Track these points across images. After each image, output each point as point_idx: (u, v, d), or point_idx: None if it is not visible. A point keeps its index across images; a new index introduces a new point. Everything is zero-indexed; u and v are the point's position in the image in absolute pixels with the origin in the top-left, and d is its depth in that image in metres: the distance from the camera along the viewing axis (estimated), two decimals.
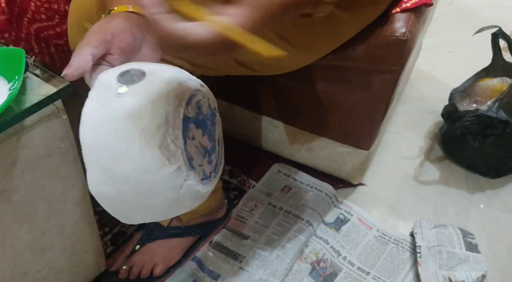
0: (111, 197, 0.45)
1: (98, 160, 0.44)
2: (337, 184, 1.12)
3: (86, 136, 0.44)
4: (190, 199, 0.46)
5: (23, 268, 0.70)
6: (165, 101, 0.43)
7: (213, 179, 0.49)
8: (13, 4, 0.81)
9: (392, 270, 0.96)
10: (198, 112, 0.47)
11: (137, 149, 0.42)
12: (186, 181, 0.44)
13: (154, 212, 0.46)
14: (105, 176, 0.44)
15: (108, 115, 0.43)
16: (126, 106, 0.43)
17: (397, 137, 1.26)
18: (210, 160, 0.48)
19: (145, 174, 0.42)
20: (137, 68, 0.46)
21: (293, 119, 1.06)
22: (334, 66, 0.88)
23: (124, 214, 0.47)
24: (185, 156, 0.44)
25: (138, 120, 0.42)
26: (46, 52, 0.89)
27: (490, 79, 1.14)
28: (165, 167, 0.42)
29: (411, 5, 0.84)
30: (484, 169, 1.16)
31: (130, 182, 0.43)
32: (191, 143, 0.45)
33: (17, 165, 0.60)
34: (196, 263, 0.96)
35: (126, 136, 0.42)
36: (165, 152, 0.42)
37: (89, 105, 0.45)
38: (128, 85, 0.44)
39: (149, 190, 0.43)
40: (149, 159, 0.42)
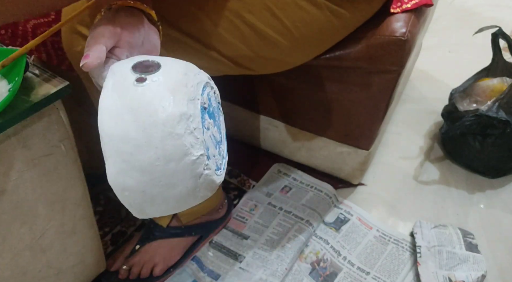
0: (130, 188, 0.44)
1: (118, 150, 0.43)
2: (337, 184, 1.12)
3: (105, 127, 0.43)
4: (206, 189, 0.46)
5: (23, 268, 0.70)
6: (185, 91, 0.43)
7: (222, 171, 0.49)
8: None
9: (392, 270, 0.96)
10: (209, 104, 0.47)
11: (159, 138, 0.42)
12: (205, 170, 0.44)
13: (171, 203, 0.46)
14: (125, 167, 0.43)
15: (128, 105, 0.43)
16: (146, 96, 0.42)
17: (397, 137, 1.26)
18: (219, 151, 0.49)
19: (168, 163, 0.42)
20: (150, 60, 0.46)
21: (293, 119, 1.06)
22: (334, 66, 0.88)
23: (139, 207, 0.46)
24: (205, 144, 0.44)
25: (161, 109, 0.42)
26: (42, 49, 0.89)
27: (490, 79, 1.14)
28: (188, 155, 0.42)
29: (412, 6, 0.84)
30: (484, 169, 1.16)
31: (151, 171, 0.43)
32: (207, 132, 0.45)
33: (17, 165, 0.60)
34: (196, 263, 0.96)
35: (148, 126, 0.42)
36: (187, 140, 0.42)
37: (106, 95, 0.44)
38: (146, 75, 0.44)
39: (170, 179, 0.43)
40: (172, 148, 0.42)
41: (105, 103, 0.44)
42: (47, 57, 0.90)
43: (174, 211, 0.48)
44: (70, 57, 0.74)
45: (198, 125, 0.43)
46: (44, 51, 0.89)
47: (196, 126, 0.43)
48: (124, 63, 0.46)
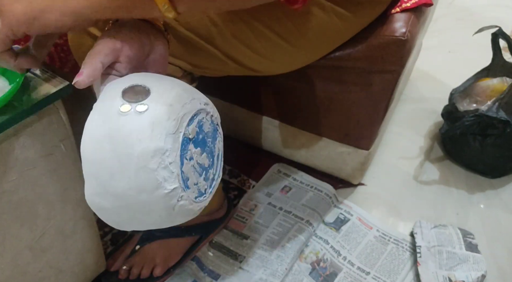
0: (105, 209, 0.46)
1: (95, 174, 0.45)
2: (337, 184, 1.12)
3: (86, 150, 0.45)
4: (183, 216, 0.48)
5: (23, 268, 0.70)
6: (166, 124, 0.44)
7: (208, 195, 0.50)
8: None
9: (392, 270, 0.96)
10: (198, 132, 0.48)
11: (133, 170, 0.43)
12: (179, 202, 0.45)
13: (147, 225, 0.48)
14: (100, 190, 0.45)
15: (108, 134, 0.44)
16: (126, 127, 0.43)
17: (397, 137, 1.26)
18: (206, 176, 0.49)
19: (140, 193, 0.44)
20: (142, 85, 0.46)
21: (293, 119, 1.06)
22: (334, 66, 0.88)
23: (116, 224, 0.48)
24: (181, 177, 0.45)
25: (137, 142, 0.43)
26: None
27: (490, 79, 1.14)
28: (160, 189, 0.43)
29: (411, 5, 0.84)
30: (484, 169, 1.16)
31: (124, 199, 0.44)
32: (188, 163, 0.46)
33: (17, 165, 0.60)
34: (196, 263, 0.96)
35: (123, 156, 0.43)
36: (160, 175, 0.43)
37: (92, 118, 0.46)
38: (131, 103, 0.45)
39: (142, 208, 0.45)
40: (144, 180, 0.43)
41: (89, 127, 0.46)
42: (50, 60, 0.90)
43: (153, 228, 0.49)
44: (76, 56, 0.73)
45: (175, 159, 0.44)
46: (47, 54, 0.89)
47: (172, 160, 0.44)
48: (117, 85, 0.47)
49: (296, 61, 0.82)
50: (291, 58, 0.79)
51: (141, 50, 0.52)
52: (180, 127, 0.45)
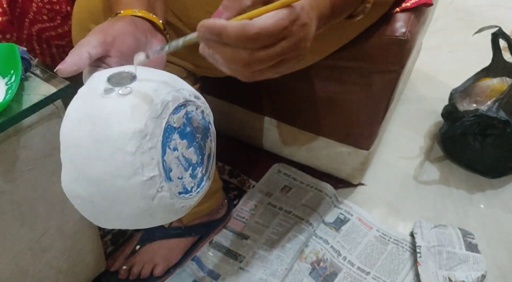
0: (81, 197, 0.44)
1: (72, 157, 0.43)
2: (337, 184, 1.12)
3: (64, 133, 0.43)
4: (164, 212, 0.45)
5: (23, 268, 0.70)
6: (148, 107, 0.42)
7: (194, 194, 0.47)
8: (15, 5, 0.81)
9: (392, 270, 0.96)
10: (186, 123, 0.46)
11: (109, 153, 0.41)
12: (159, 192, 0.43)
13: (125, 219, 0.45)
14: (76, 175, 0.43)
15: (87, 115, 0.42)
16: (107, 108, 0.42)
17: (397, 137, 1.26)
18: (194, 174, 0.47)
19: (116, 178, 0.41)
20: (128, 71, 0.45)
21: (293, 119, 1.06)
22: (334, 66, 0.88)
23: (95, 217, 0.46)
24: (162, 166, 0.42)
25: (116, 123, 0.41)
26: (47, 53, 0.89)
27: (490, 79, 1.14)
28: (137, 174, 0.41)
29: (411, 5, 0.84)
30: (484, 169, 1.16)
31: (100, 184, 0.42)
32: (172, 153, 0.44)
33: (17, 165, 0.60)
34: (196, 263, 0.96)
35: (101, 138, 0.41)
36: (138, 159, 0.41)
37: (74, 102, 0.45)
38: (115, 87, 0.43)
39: (119, 196, 0.42)
40: (121, 164, 0.41)
41: (70, 109, 0.44)
42: (52, 61, 0.90)
43: (133, 227, 0.46)
44: None
45: (155, 145, 0.42)
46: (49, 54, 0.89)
47: (153, 146, 0.42)
48: (104, 73, 0.46)
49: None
50: None
51: (136, 47, 0.51)
52: (164, 113, 0.43)
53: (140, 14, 0.53)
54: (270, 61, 0.43)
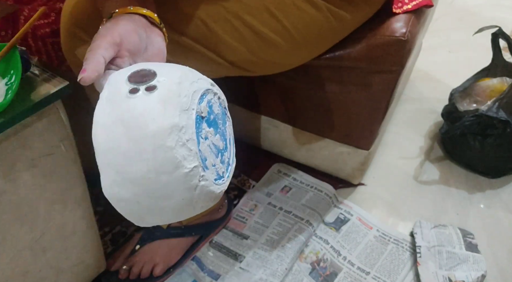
0: (125, 199, 0.44)
1: (111, 162, 0.43)
2: (337, 184, 1.12)
3: (99, 139, 0.44)
4: (205, 199, 0.46)
5: (23, 268, 0.70)
6: (177, 101, 0.43)
7: (226, 179, 0.48)
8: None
9: (392, 270, 0.96)
10: (209, 111, 0.47)
11: (151, 151, 0.41)
12: (200, 182, 0.44)
13: (169, 214, 0.46)
14: (118, 178, 0.43)
15: (119, 117, 0.43)
16: (137, 108, 0.42)
17: (397, 137, 1.26)
18: (222, 159, 0.48)
19: (160, 175, 0.42)
20: (147, 68, 0.46)
21: (293, 119, 1.06)
22: (334, 66, 0.88)
23: (138, 217, 0.46)
24: (199, 156, 0.43)
25: (151, 121, 0.42)
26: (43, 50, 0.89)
27: (490, 79, 1.14)
28: (180, 168, 0.42)
29: (412, 6, 0.84)
30: (484, 169, 1.16)
31: (144, 183, 0.43)
32: (204, 142, 0.45)
33: (17, 165, 0.60)
34: (196, 263, 0.96)
35: (139, 138, 0.42)
36: (179, 153, 0.42)
37: (100, 107, 0.45)
38: (139, 86, 0.44)
39: (163, 192, 0.43)
40: (163, 160, 0.42)
41: (99, 116, 0.44)
42: (48, 58, 0.90)
43: (176, 220, 0.47)
44: (69, 61, 0.74)
45: (191, 136, 0.43)
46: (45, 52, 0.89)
47: (189, 137, 0.42)
48: (121, 73, 0.46)
49: (289, 61, 0.81)
50: (285, 58, 0.79)
51: (139, 43, 0.51)
52: (192, 104, 0.44)
53: (134, 11, 0.53)
54: None
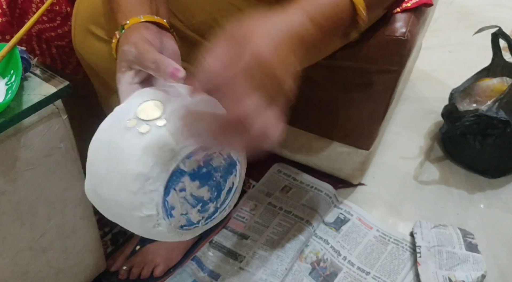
0: (97, 205, 0.48)
1: (91, 172, 0.46)
2: (337, 184, 1.12)
3: (91, 149, 0.47)
4: (164, 238, 0.48)
5: (23, 268, 0.70)
6: (157, 153, 0.44)
7: (201, 226, 0.49)
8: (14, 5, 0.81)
9: (392, 270, 0.96)
10: (202, 166, 0.47)
11: (117, 185, 0.44)
12: (155, 227, 0.45)
13: (136, 232, 0.48)
14: (93, 187, 0.46)
15: (109, 142, 0.45)
16: (124, 143, 0.44)
17: (397, 137, 1.26)
18: (203, 209, 0.49)
19: (119, 207, 0.45)
20: (161, 103, 0.46)
21: (293, 120, 1.06)
22: (334, 66, 0.88)
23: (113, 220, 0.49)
24: (162, 206, 0.45)
25: (126, 162, 0.44)
26: (47, 53, 0.89)
27: (490, 79, 1.14)
28: (136, 211, 0.44)
29: (412, 5, 0.84)
30: (484, 169, 1.16)
31: (108, 205, 0.46)
32: (177, 194, 0.46)
33: (17, 165, 0.60)
34: (196, 263, 0.96)
35: (113, 169, 0.44)
36: (138, 199, 0.44)
37: (106, 122, 0.47)
38: (139, 121, 0.45)
39: (124, 218, 0.46)
40: (123, 198, 0.44)
41: (101, 128, 0.47)
42: (52, 62, 0.90)
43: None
44: (79, 56, 0.73)
45: (157, 188, 0.44)
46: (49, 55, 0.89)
47: (154, 189, 0.44)
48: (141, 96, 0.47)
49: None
50: None
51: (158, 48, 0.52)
52: (175, 159, 0.44)
53: (145, 19, 0.53)
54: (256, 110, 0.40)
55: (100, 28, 0.68)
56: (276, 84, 0.41)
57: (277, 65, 0.41)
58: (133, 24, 0.53)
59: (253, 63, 0.39)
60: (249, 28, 0.41)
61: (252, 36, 0.41)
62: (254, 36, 0.41)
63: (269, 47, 0.40)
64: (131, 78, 0.51)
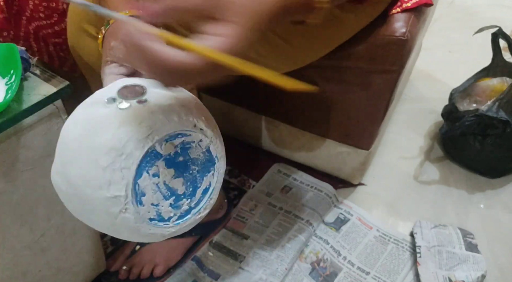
0: (62, 191, 0.45)
1: (60, 153, 0.44)
2: (337, 184, 1.12)
3: (64, 128, 0.44)
4: (129, 232, 0.44)
5: (23, 268, 0.70)
6: (133, 128, 0.42)
7: (172, 225, 0.46)
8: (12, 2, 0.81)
9: (392, 270, 0.96)
10: (179, 153, 0.45)
11: (85, 160, 0.41)
12: (122, 213, 0.42)
13: (96, 226, 0.45)
14: (60, 170, 0.44)
15: (84, 118, 0.43)
16: (100, 117, 0.42)
17: (397, 137, 1.26)
18: (176, 204, 0.46)
19: (86, 187, 0.42)
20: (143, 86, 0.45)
21: (293, 119, 1.06)
22: (334, 66, 0.88)
23: (74, 212, 0.47)
24: (133, 188, 0.42)
25: (99, 135, 0.41)
26: (45, 50, 0.89)
27: (490, 79, 1.14)
28: (103, 189, 0.41)
29: (412, 5, 0.84)
30: (484, 169, 1.16)
31: (75, 188, 0.43)
32: (149, 178, 0.43)
33: (17, 165, 0.60)
34: (196, 263, 0.96)
35: (84, 145, 0.42)
36: (107, 175, 0.41)
37: (83, 102, 0.45)
38: (119, 99, 0.43)
39: (87, 204, 0.43)
40: (91, 175, 0.41)
41: (78, 107, 0.45)
42: (49, 59, 0.90)
43: (110, 234, 0.46)
44: (74, 55, 0.73)
45: (130, 166, 0.41)
46: (46, 53, 0.89)
47: (126, 166, 0.41)
48: (122, 81, 0.46)
49: (295, 61, 0.82)
50: (290, 58, 0.79)
51: None
52: (151, 137, 0.42)
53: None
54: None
55: (93, 26, 0.68)
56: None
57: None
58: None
59: None
60: None
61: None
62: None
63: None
64: (116, 69, 0.50)
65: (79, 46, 0.71)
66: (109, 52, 0.51)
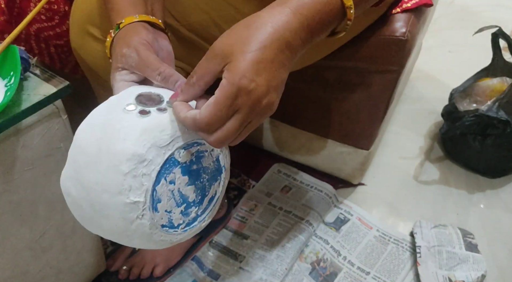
0: (72, 196, 0.45)
1: (74, 158, 0.44)
2: (337, 184, 1.12)
3: (78, 132, 0.45)
4: (140, 238, 0.45)
5: (23, 268, 0.70)
6: (156, 135, 0.42)
7: (180, 232, 0.47)
8: (13, 4, 0.81)
9: (392, 270, 0.96)
10: (193, 161, 0.46)
11: (105, 166, 0.42)
12: (139, 219, 0.43)
13: (105, 233, 0.46)
14: (73, 175, 0.44)
15: (103, 123, 0.43)
16: (121, 123, 0.43)
17: (397, 137, 1.26)
18: (186, 212, 0.47)
19: (103, 192, 0.42)
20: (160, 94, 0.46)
21: (293, 119, 1.06)
22: (334, 66, 0.88)
23: (81, 219, 0.47)
24: (150, 195, 0.43)
25: (121, 141, 0.42)
26: (46, 52, 0.89)
27: (490, 79, 1.14)
28: (122, 195, 0.42)
29: (412, 5, 0.84)
30: (484, 169, 1.16)
31: (89, 192, 0.43)
32: (166, 185, 0.44)
33: (17, 165, 0.60)
34: (196, 263, 0.96)
35: (104, 149, 0.42)
36: (128, 181, 0.42)
37: (99, 107, 0.46)
38: (138, 105, 0.44)
39: (102, 209, 0.43)
40: (111, 180, 0.42)
41: (92, 113, 0.45)
42: (50, 61, 0.90)
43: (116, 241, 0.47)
44: (77, 57, 0.73)
45: (150, 173, 0.42)
46: (47, 54, 0.89)
47: (147, 173, 0.42)
48: (137, 88, 0.47)
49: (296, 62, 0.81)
50: None
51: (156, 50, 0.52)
52: (171, 145, 0.43)
53: (140, 19, 0.53)
54: (234, 134, 0.44)
55: (96, 28, 0.68)
56: (257, 105, 0.44)
57: (257, 88, 0.43)
58: (128, 24, 0.53)
59: (233, 90, 0.42)
60: (230, 42, 0.43)
61: (232, 52, 0.42)
62: (234, 52, 0.42)
63: (249, 65, 0.42)
64: (128, 76, 0.51)
65: (82, 48, 0.70)
66: (120, 59, 0.51)
